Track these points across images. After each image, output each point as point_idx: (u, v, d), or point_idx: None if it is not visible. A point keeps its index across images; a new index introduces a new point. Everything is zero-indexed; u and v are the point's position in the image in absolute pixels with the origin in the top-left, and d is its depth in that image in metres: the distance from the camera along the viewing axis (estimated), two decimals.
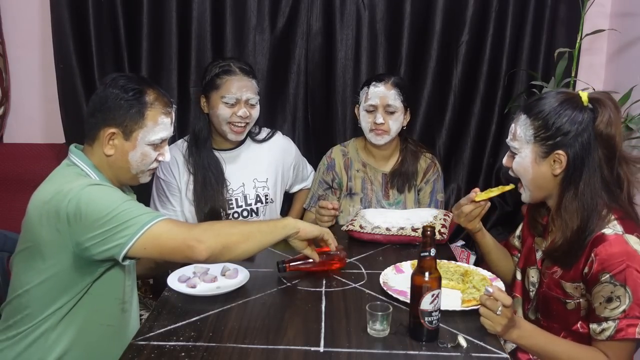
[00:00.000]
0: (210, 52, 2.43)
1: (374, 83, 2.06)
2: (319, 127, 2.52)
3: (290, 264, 1.60)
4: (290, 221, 1.51)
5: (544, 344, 1.33)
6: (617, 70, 2.49)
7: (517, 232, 1.68)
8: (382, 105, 2.04)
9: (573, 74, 2.34)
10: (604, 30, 2.33)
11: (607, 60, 2.57)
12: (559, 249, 1.37)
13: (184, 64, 2.44)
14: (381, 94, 2.04)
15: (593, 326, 1.31)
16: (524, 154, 1.40)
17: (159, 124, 1.47)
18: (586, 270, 1.31)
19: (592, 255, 1.29)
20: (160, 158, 1.51)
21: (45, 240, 1.33)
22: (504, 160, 1.49)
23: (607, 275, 1.27)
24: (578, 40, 2.32)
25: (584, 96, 1.36)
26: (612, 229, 1.29)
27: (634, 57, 2.34)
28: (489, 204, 1.61)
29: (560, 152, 1.34)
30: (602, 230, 1.30)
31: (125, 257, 1.32)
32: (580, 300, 1.36)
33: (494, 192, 1.60)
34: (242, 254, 1.41)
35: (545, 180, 1.39)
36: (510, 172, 1.48)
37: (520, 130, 1.39)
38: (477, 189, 1.62)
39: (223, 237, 1.37)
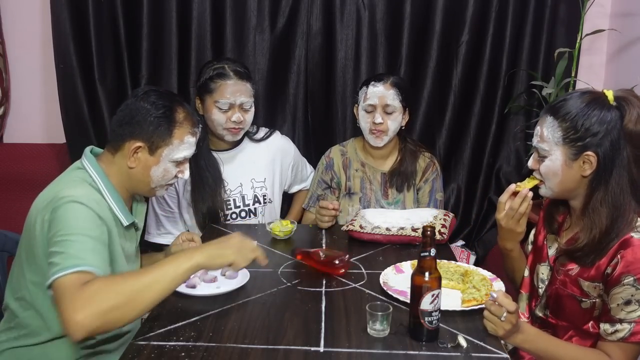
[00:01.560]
0: (210, 52, 2.43)
1: (372, 83, 2.06)
2: (319, 127, 2.52)
3: (301, 253, 1.65)
4: (190, 264, 1.23)
5: (547, 348, 1.32)
6: (617, 70, 2.49)
7: (531, 237, 1.64)
8: (380, 105, 2.04)
9: (573, 74, 2.34)
10: (604, 30, 2.33)
11: (607, 60, 2.57)
12: (582, 248, 1.35)
13: (184, 64, 2.44)
14: (380, 93, 2.03)
15: (605, 326, 1.31)
16: (555, 157, 1.37)
17: (185, 143, 1.48)
18: (608, 270, 1.30)
19: (618, 256, 1.28)
20: (179, 175, 1.52)
21: (38, 242, 1.31)
22: (530, 163, 1.45)
23: (631, 279, 1.26)
24: (578, 40, 2.32)
25: (610, 95, 1.35)
26: None
27: (634, 57, 2.35)
28: (530, 196, 1.46)
29: (590, 153, 1.32)
30: (631, 234, 1.29)
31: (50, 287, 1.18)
32: (597, 300, 1.35)
33: (533, 181, 1.47)
34: (134, 317, 1.18)
35: (573, 181, 1.37)
36: (535, 174, 1.44)
37: (548, 132, 1.37)
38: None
39: (101, 315, 1.11)
